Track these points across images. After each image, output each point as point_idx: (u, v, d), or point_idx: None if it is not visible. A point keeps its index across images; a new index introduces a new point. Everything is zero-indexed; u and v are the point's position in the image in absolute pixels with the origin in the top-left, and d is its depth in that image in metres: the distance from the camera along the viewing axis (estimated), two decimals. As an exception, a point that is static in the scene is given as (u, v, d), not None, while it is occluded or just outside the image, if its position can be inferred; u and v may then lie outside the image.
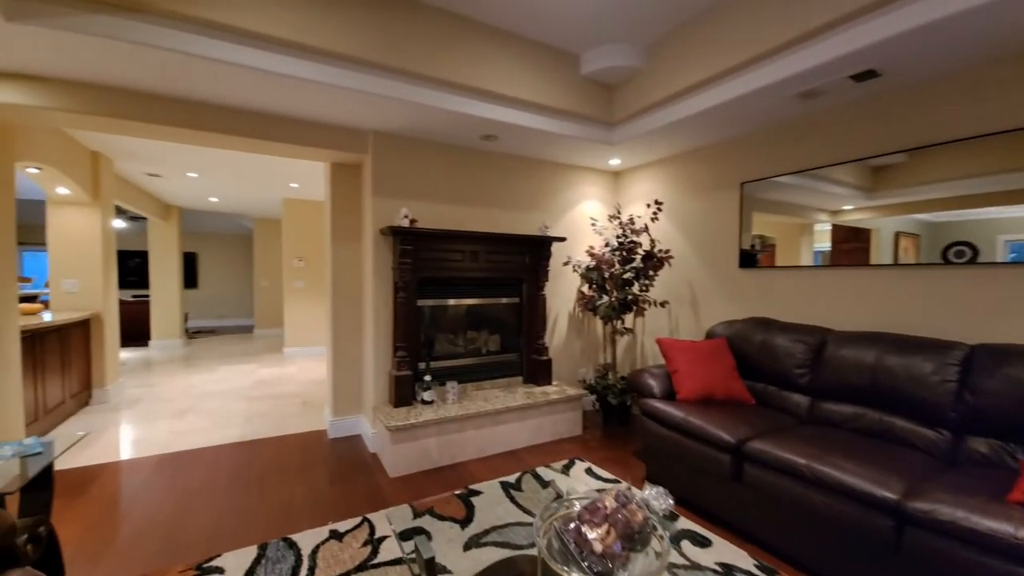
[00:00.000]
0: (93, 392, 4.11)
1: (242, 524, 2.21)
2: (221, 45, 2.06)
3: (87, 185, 3.88)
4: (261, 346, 7.58)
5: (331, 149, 3.03)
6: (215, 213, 8.43)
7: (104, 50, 1.98)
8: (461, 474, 2.78)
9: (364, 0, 2.34)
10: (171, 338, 7.32)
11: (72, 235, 4.04)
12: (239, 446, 3.22)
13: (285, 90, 2.42)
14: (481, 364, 3.56)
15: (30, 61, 2.10)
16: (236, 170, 4.83)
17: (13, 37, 1.86)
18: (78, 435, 1.80)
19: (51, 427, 3.42)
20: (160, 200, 6.67)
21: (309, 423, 3.71)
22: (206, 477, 2.71)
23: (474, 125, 2.95)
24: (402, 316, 3.07)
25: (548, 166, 3.84)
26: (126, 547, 2.01)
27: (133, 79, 2.30)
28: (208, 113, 2.63)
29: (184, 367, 5.90)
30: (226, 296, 10.62)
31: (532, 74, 2.88)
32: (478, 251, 3.37)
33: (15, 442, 1.70)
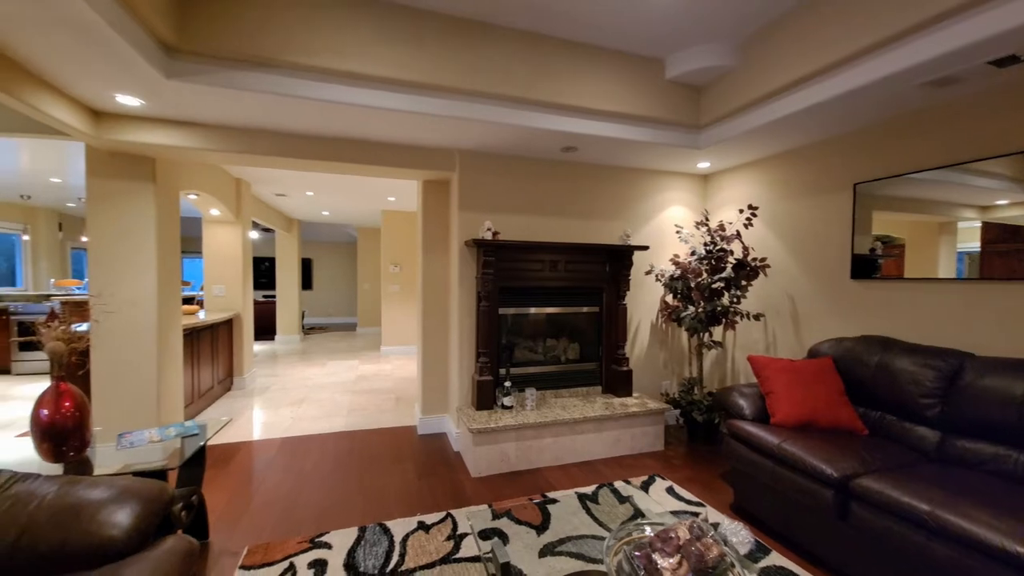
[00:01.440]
0: (234, 380, 4.90)
1: (344, 506, 2.50)
2: (334, 88, 2.36)
3: (232, 206, 4.65)
4: (362, 343, 8.38)
5: (422, 169, 3.29)
6: (326, 224, 9.51)
7: (241, 99, 2.39)
8: (538, 480, 2.85)
9: (450, 34, 2.52)
10: (292, 334, 8.41)
11: (220, 248, 4.87)
12: (343, 435, 3.62)
13: (384, 120, 2.69)
14: (559, 372, 3.59)
15: (188, 112, 2.60)
16: (344, 188, 5.44)
17: (173, 92, 2.32)
18: (224, 420, 2.19)
19: (202, 409, 4.15)
20: (284, 215, 7.71)
21: (401, 419, 4.05)
22: (316, 461, 3.11)
23: (554, 138, 3.00)
24: (484, 323, 3.23)
25: (630, 173, 3.76)
26: (255, 516, 2.39)
27: (266, 122, 2.73)
28: (322, 145, 3.01)
29: (301, 360, 6.75)
30: (334, 297, 11.89)
31: (613, 84, 2.86)
32: (557, 261, 3.42)
33: (179, 424, 2.12)
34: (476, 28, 2.56)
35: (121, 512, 1.31)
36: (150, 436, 1.93)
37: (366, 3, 2.36)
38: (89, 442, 1.74)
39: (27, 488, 1.32)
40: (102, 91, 2.29)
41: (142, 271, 2.97)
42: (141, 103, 2.43)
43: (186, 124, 2.74)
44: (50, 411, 1.63)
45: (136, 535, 1.29)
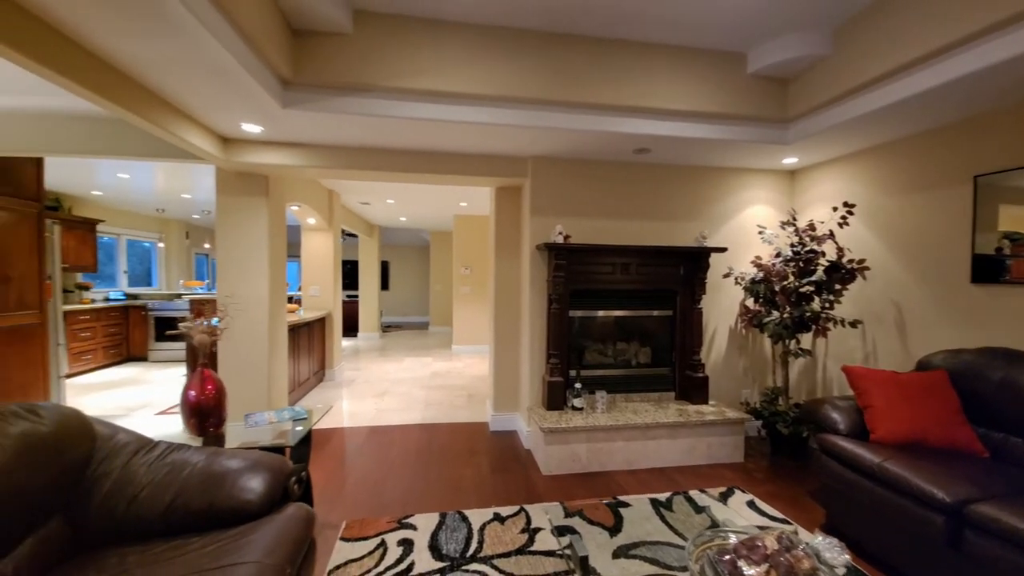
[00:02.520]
0: (325, 372, 5.42)
1: (425, 493, 2.69)
2: (422, 106, 2.56)
3: (325, 215, 5.15)
4: (434, 341, 8.81)
5: (496, 176, 3.43)
6: (402, 229, 10.11)
7: (343, 122, 2.67)
8: (609, 483, 2.86)
9: (524, 48, 2.62)
10: (372, 331, 9.06)
11: (315, 253, 5.40)
12: (421, 427, 3.87)
13: (464, 133, 2.86)
14: (630, 376, 3.56)
15: (297, 135, 2.95)
16: (420, 196, 5.78)
17: (287, 119, 2.65)
18: (325, 407, 2.46)
19: (300, 397, 4.63)
20: (366, 221, 8.34)
21: (473, 415, 4.23)
22: (399, 450, 3.36)
23: (627, 141, 3.00)
24: (555, 325, 3.29)
25: (707, 172, 3.63)
26: (350, 495, 2.66)
27: (362, 140, 3.01)
28: (409, 158, 3.26)
29: (380, 356, 7.26)
30: (408, 297, 12.59)
31: (689, 82, 2.79)
32: (629, 264, 3.39)
33: (290, 408, 2.41)
34: (550, 39, 2.64)
35: (255, 480, 1.55)
36: (269, 417, 2.24)
37: (451, 28, 2.53)
38: (224, 420, 2.05)
39: (181, 457, 1.61)
40: (231, 121, 2.68)
41: (257, 275, 3.41)
42: (261, 130, 2.80)
43: (295, 145, 3.10)
44: (196, 392, 1.96)
45: (267, 500, 1.53)
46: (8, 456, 1.20)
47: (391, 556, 2.03)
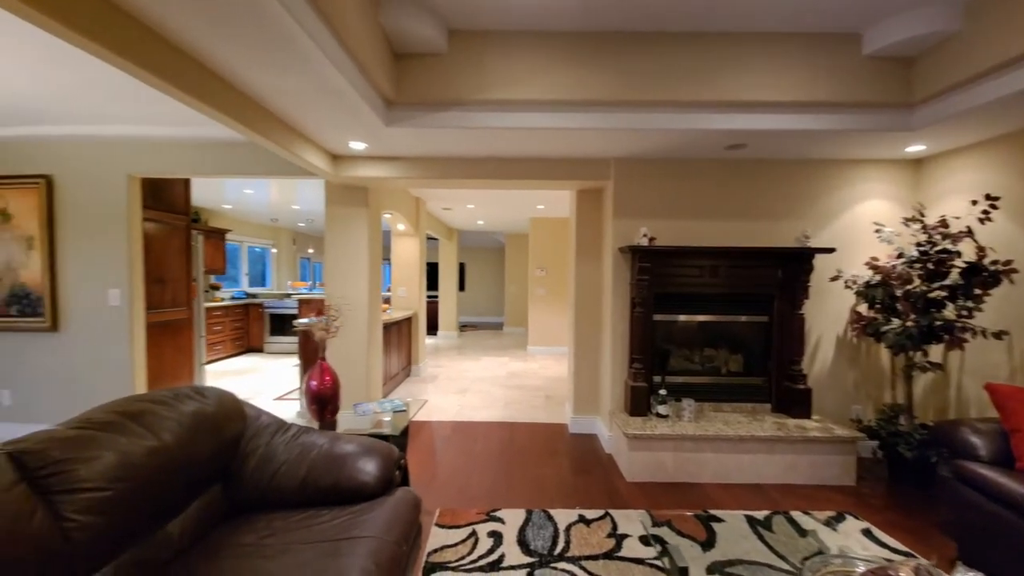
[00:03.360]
0: (411, 368, 5.78)
1: (510, 489, 2.78)
2: (509, 115, 2.66)
3: (413, 221, 5.51)
4: (509, 342, 8.99)
5: (578, 179, 3.44)
6: (479, 232, 10.45)
7: (437, 135, 2.85)
8: (698, 495, 2.74)
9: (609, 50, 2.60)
10: (450, 330, 9.48)
11: (404, 257, 5.80)
12: (502, 425, 3.99)
13: (547, 138, 2.92)
14: (719, 384, 3.38)
15: (395, 149, 3.20)
16: (499, 200, 5.96)
17: (388, 135, 2.89)
18: (423, 401, 2.65)
19: (391, 391, 4.99)
20: (446, 225, 8.75)
21: (552, 416, 4.28)
22: (483, 445, 3.50)
23: (719, 137, 2.87)
24: (638, 329, 3.23)
25: (811, 165, 3.33)
26: (441, 485, 2.83)
27: (453, 150, 3.20)
28: (494, 165, 3.39)
29: (459, 354, 7.58)
30: (483, 298, 12.97)
31: (793, 70, 2.60)
32: (718, 266, 3.22)
33: (389, 400, 2.63)
34: (634, 39, 2.60)
35: (370, 463, 1.73)
36: (374, 408, 2.46)
37: (536, 38, 2.60)
38: (339, 408, 2.30)
39: (309, 439, 1.83)
40: (340, 140, 2.99)
41: (358, 277, 3.74)
42: (365, 146, 3.09)
43: (393, 159, 3.37)
44: (317, 383, 2.21)
45: (381, 483, 1.69)
46: (185, 431, 1.47)
47: (482, 546, 2.13)
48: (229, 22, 1.64)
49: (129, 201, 3.39)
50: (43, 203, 3.30)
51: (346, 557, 1.30)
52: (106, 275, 3.38)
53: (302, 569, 1.26)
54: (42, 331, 3.38)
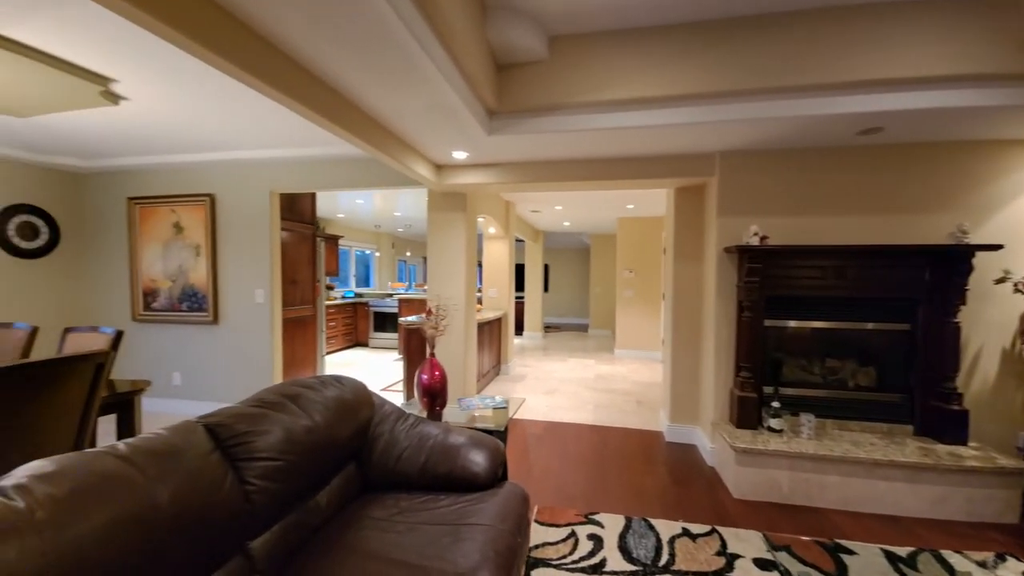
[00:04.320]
0: (500, 367, 5.96)
1: (606, 493, 2.75)
2: (611, 116, 2.64)
3: (503, 224, 5.68)
4: (595, 344, 8.86)
5: (678, 177, 3.30)
6: (564, 233, 10.44)
7: (534, 140, 2.92)
8: (820, 521, 2.48)
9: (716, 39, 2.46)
10: (535, 331, 9.59)
11: (494, 258, 6.00)
12: (593, 428, 3.95)
13: (645, 136, 2.84)
14: (846, 400, 3.02)
15: (494, 156, 3.33)
16: (587, 200, 5.91)
17: (488, 144, 3.01)
18: (522, 399, 2.73)
19: (482, 388, 5.19)
20: (533, 227, 8.87)
21: (645, 422, 4.14)
22: (575, 447, 3.50)
23: (850, 122, 2.57)
24: (746, 336, 3.00)
25: (966, 148, 2.84)
26: (537, 483, 2.88)
27: (548, 154, 3.26)
28: (590, 166, 3.39)
29: (544, 355, 7.64)
30: (567, 299, 12.92)
31: (946, 41, 2.24)
32: (845, 267, 2.88)
33: (490, 396, 2.74)
34: (744, 24, 2.42)
35: (479, 456, 1.83)
36: (477, 403, 2.59)
37: (636, 35, 2.54)
38: (447, 401, 2.46)
39: (424, 429, 1.98)
40: (444, 151, 3.19)
41: (457, 278, 3.96)
42: (467, 155, 3.27)
43: (492, 165, 3.51)
44: (428, 377, 2.39)
45: (491, 475, 1.79)
46: (331, 413, 1.68)
47: (583, 548, 2.14)
48: (367, 53, 1.85)
49: (271, 214, 3.95)
50: (208, 217, 3.98)
51: (467, 541, 1.40)
52: (253, 277, 3.97)
53: (430, 546, 1.37)
54: (205, 324, 4.07)
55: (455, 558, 1.32)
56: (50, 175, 4.09)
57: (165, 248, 4.11)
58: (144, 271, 4.15)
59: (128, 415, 2.22)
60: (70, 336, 2.58)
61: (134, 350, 4.26)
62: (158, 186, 4.13)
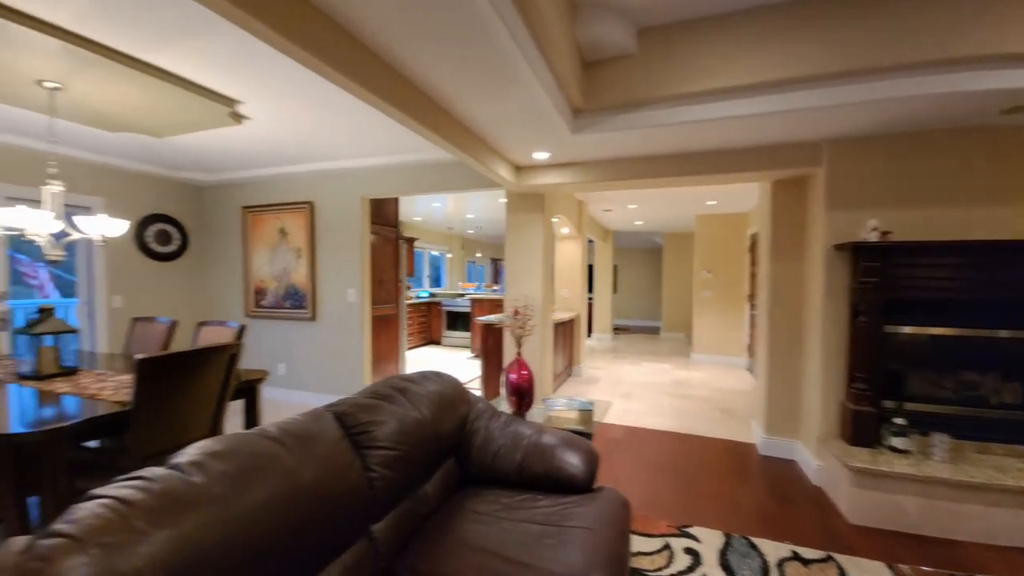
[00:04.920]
0: (572, 368, 5.90)
1: (698, 506, 2.60)
2: (703, 107, 2.51)
3: (576, 224, 5.62)
4: (667, 348, 8.48)
5: (776, 169, 3.06)
6: (633, 232, 10.11)
7: (617, 137, 2.85)
8: (957, 555, 2.16)
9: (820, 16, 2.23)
10: (604, 332, 9.39)
11: (567, 259, 5.95)
12: (675, 436, 3.77)
13: (740, 127, 2.66)
14: (988, 419, 2.61)
15: (575, 155, 3.29)
16: (664, 198, 5.67)
17: (571, 143, 2.98)
18: (608, 402, 2.67)
19: (556, 389, 5.16)
20: (603, 227, 8.70)
21: (733, 432, 3.88)
22: (657, 454, 3.36)
23: (994, 99, 2.22)
24: (861, 343, 2.70)
25: None
26: (622, 489, 2.80)
27: (632, 151, 3.17)
28: (676, 162, 3.24)
29: (615, 357, 7.44)
30: (636, 300, 12.51)
31: None
32: (984, 264, 2.50)
33: (575, 398, 2.71)
34: (866, -4, 2.18)
35: (575, 457, 1.81)
36: (562, 404, 2.57)
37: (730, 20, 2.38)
38: (533, 401, 2.47)
39: (517, 428, 1.99)
40: (526, 152, 3.21)
41: (534, 279, 3.98)
42: (548, 155, 3.27)
43: (572, 164, 3.48)
44: (516, 376, 2.41)
45: (588, 478, 1.76)
46: (436, 407, 1.75)
47: (680, 562, 2.04)
48: (465, 58, 1.90)
49: (362, 218, 4.22)
50: (308, 222, 4.34)
51: (572, 543, 1.38)
52: (346, 278, 4.27)
53: (535, 545, 1.38)
54: (305, 320, 4.44)
55: (562, 558, 1.31)
56: (180, 188, 4.70)
57: (272, 251, 4.54)
58: (255, 272, 4.63)
59: (251, 401, 2.47)
60: (203, 329, 2.93)
61: (247, 343, 4.75)
62: (266, 195, 4.58)
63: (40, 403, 1.99)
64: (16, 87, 2.43)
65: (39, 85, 2.39)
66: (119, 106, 2.71)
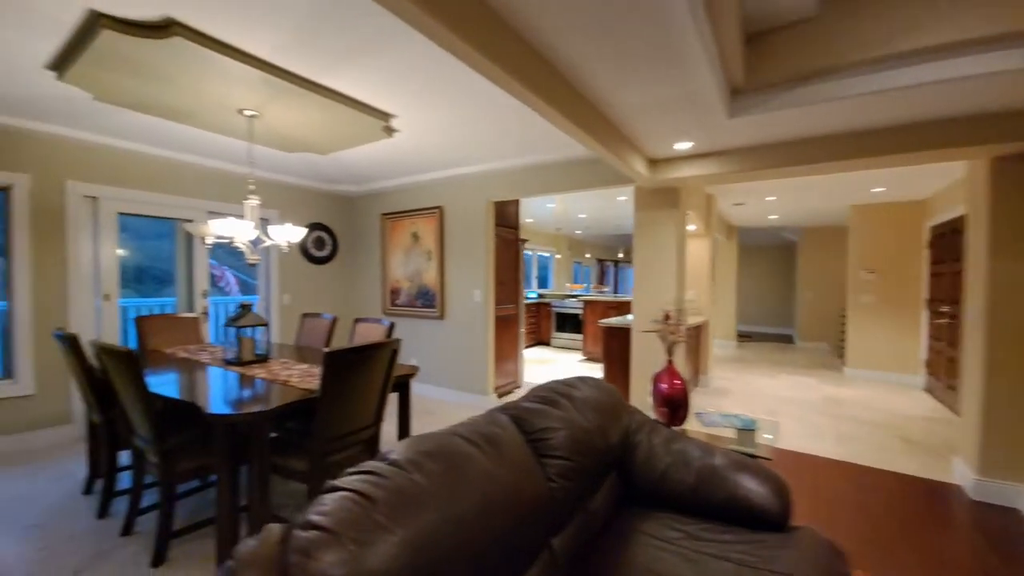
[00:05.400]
0: (698, 378, 5.42)
1: (890, 554, 2.14)
2: (904, 72, 2.06)
3: (704, 220, 5.15)
4: (807, 359, 7.41)
5: (994, 143, 2.43)
6: (758, 229, 9.04)
7: (786, 116, 2.48)
8: None
9: None
10: (727, 339, 8.53)
11: (694, 258, 5.49)
12: (843, 465, 3.20)
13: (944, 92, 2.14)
14: None
15: (726, 142, 2.96)
16: (816, 186, 4.92)
17: (724, 128, 2.67)
18: (774, 421, 2.34)
19: (684, 398, 4.77)
20: (727, 223, 7.91)
21: (924, 468, 3.17)
22: (834, 488, 2.86)
23: None
24: None
25: None
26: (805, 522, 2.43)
27: (800, 131, 2.75)
28: (851, 142, 2.75)
29: (744, 367, 6.69)
30: (759, 304, 11.21)
31: None
32: None
33: (735, 415, 2.41)
34: None
35: (760, 486, 1.56)
36: (718, 419, 2.31)
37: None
38: (687, 414, 2.25)
39: (682, 446, 1.78)
40: (667, 142, 2.97)
41: (666, 282, 3.69)
42: (691, 145, 2.99)
43: (717, 154, 3.16)
44: (667, 386, 2.22)
45: (782, 513, 1.51)
46: (599, 415, 1.64)
47: (891, 625, 1.67)
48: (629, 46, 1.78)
49: (487, 221, 4.33)
50: (438, 226, 4.58)
51: (785, 594, 1.17)
52: (472, 278, 4.42)
53: (739, 589, 1.19)
54: (434, 319, 4.69)
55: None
56: (333, 199, 5.30)
57: (406, 254, 4.89)
58: (391, 273, 5.03)
59: (404, 395, 2.63)
60: (359, 325, 3.22)
61: (381, 338, 5.19)
62: (402, 202, 4.94)
63: (241, 385, 2.31)
64: (224, 117, 2.90)
65: (240, 114, 2.82)
66: (298, 128, 3.10)
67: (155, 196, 3.83)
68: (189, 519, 2.32)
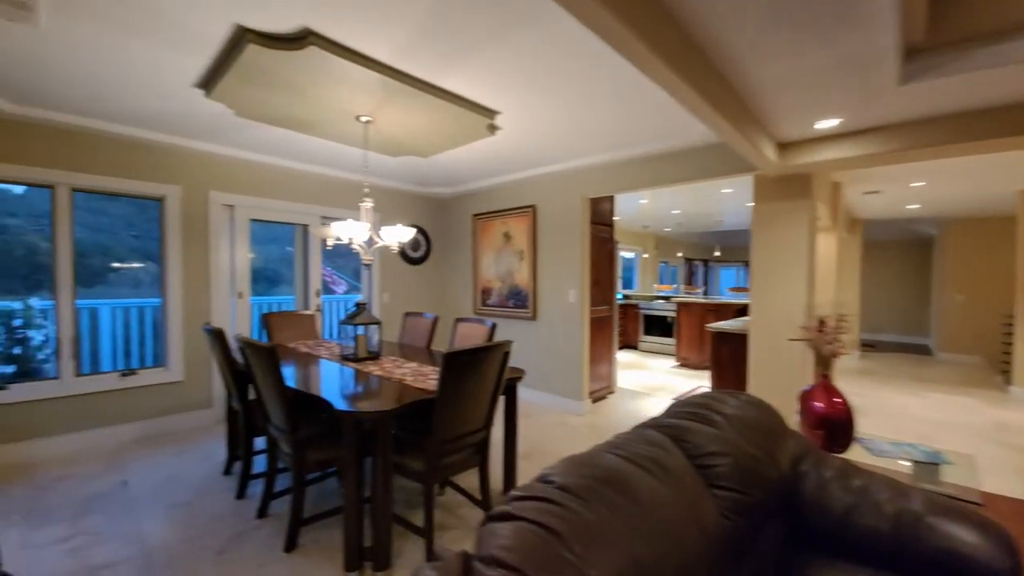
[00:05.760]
0: (822, 391, 4.75)
1: None
2: None
3: (830, 211, 4.50)
4: (958, 375, 6.23)
5: None
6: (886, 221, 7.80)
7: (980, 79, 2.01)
8: None
9: None
10: (850, 348, 7.49)
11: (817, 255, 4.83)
12: (1046, 513, 2.55)
13: None
14: None
15: (885, 116, 2.50)
16: (973, 167, 4.07)
17: (884, 100, 2.24)
18: (971, 455, 1.89)
19: (806, 414, 4.19)
20: (851, 215, 6.94)
21: None
22: None
23: None
24: None
25: None
26: (986, 582, 1.95)
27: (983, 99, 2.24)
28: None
29: (874, 382, 5.78)
30: (885, 308, 9.74)
31: None
32: None
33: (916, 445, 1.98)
34: None
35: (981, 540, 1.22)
36: (888, 448, 1.91)
37: None
38: (851, 441, 1.89)
39: (863, 483, 1.44)
40: (807, 121, 2.58)
41: (795, 284, 3.24)
42: (838, 122, 2.57)
43: (869, 131, 2.69)
44: (825, 404, 1.88)
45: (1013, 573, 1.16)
46: (764, 439, 1.39)
47: None
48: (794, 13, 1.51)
49: (582, 218, 4.15)
50: (530, 226, 4.49)
51: None
52: (564, 278, 4.27)
53: None
54: (526, 319, 4.61)
55: None
56: (427, 201, 5.45)
57: (496, 254, 4.87)
58: (481, 273, 5.04)
59: (511, 398, 2.54)
60: (460, 325, 3.21)
61: (472, 338, 5.23)
62: (494, 202, 4.93)
63: (357, 381, 2.37)
64: (342, 125, 3.04)
65: (357, 120, 2.92)
66: (406, 132, 3.16)
67: (279, 203, 4.18)
68: (314, 507, 2.43)
